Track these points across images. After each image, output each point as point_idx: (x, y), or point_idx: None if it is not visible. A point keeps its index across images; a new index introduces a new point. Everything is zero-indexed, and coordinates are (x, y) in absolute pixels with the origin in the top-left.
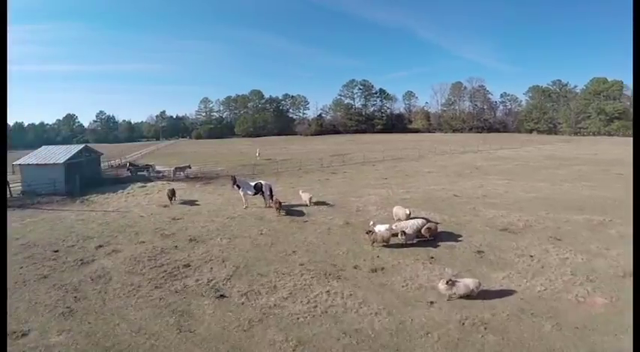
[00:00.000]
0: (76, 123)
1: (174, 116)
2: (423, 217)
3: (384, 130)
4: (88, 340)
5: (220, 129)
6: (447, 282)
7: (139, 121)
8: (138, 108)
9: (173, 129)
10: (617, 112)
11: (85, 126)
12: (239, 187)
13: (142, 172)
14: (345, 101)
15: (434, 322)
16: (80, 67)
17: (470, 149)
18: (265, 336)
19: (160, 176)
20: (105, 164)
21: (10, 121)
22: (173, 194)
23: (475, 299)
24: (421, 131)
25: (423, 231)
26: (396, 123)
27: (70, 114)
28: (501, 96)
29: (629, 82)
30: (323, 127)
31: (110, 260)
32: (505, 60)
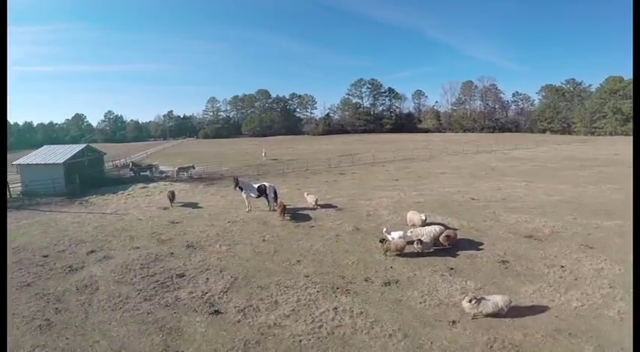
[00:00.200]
0: (85, 123)
1: (181, 116)
2: (439, 223)
3: (392, 130)
4: None
5: (227, 128)
6: (472, 300)
7: (146, 121)
8: (146, 108)
9: (180, 128)
10: None
11: (94, 126)
12: (241, 189)
13: (145, 172)
14: (353, 100)
15: (457, 345)
16: (90, 68)
17: (483, 149)
18: None
19: (163, 176)
20: (109, 164)
21: (20, 121)
22: (173, 196)
23: (503, 317)
24: (431, 131)
25: (441, 239)
26: (406, 123)
27: (79, 114)
28: (513, 96)
29: None
30: (331, 127)
31: (100, 267)
32: (515, 59)
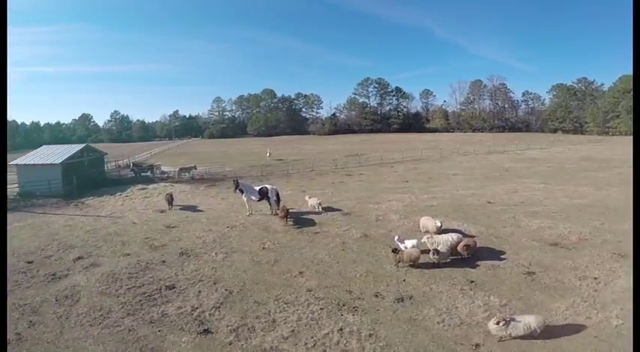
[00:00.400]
0: (92, 123)
1: (187, 116)
2: (454, 229)
3: (400, 130)
4: None
5: (233, 128)
6: (501, 322)
7: (153, 121)
8: (152, 108)
9: (186, 128)
10: None
11: (100, 126)
12: (242, 192)
13: (146, 173)
14: (360, 100)
15: None
16: (96, 68)
17: (495, 149)
18: None
19: (165, 177)
20: (112, 164)
21: (27, 121)
22: (172, 199)
23: (534, 339)
24: (439, 130)
25: (459, 248)
26: (413, 123)
27: (86, 114)
28: (523, 95)
29: None
30: (337, 127)
31: (85, 276)
32: (524, 58)
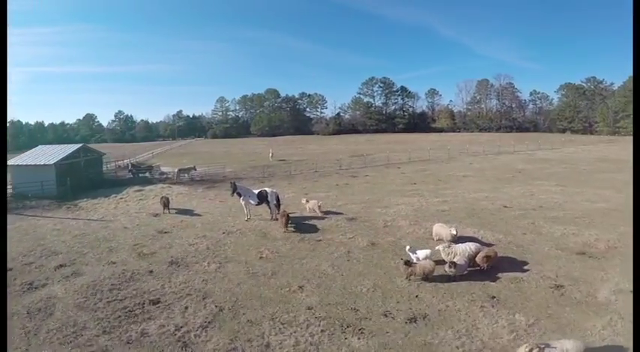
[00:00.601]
0: (96, 123)
1: (190, 115)
2: (469, 237)
3: (405, 130)
4: None
5: (236, 128)
6: (534, 350)
7: (156, 121)
8: (156, 108)
9: (189, 128)
10: None
11: (104, 126)
12: (240, 195)
13: (144, 174)
14: (365, 99)
15: None
16: (102, 69)
17: (505, 149)
18: None
19: (163, 178)
20: (112, 164)
21: (32, 121)
22: (168, 202)
23: None
24: (445, 130)
25: (478, 260)
26: (419, 122)
27: (90, 113)
28: (531, 95)
29: None
30: (341, 126)
31: (64, 286)
32: (530, 58)
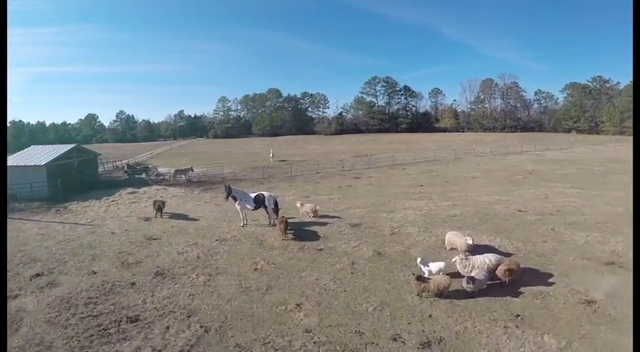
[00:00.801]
0: (97, 123)
1: (192, 115)
2: (485, 245)
3: (409, 129)
4: None
5: (238, 128)
6: None
7: (158, 121)
8: (157, 108)
9: (191, 128)
10: None
11: (106, 126)
12: (235, 199)
13: (140, 175)
14: (367, 99)
15: None
16: (101, 69)
17: (512, 150)
18: None
19: (160, 179)
20: (110, 165)
21: (33, 121)
22: (163, 205)
23: None
24: (449, 130)
25: (499, 273)
26: (422, 122)
27: (92, 113)
28: (535, 94)
29: None
30: (344, 126)
31: (37, 298)
32: (535, 58)
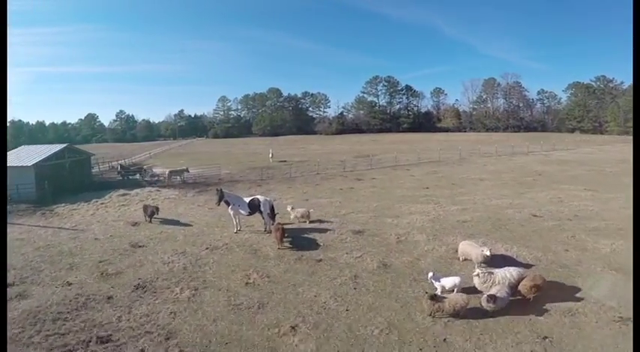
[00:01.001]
0: (97, 123)
1: (192, 115)
2: (502, 255)
3: (410, 129)
4: None
5: (238, 128)
6: None
7: (158, 121)
8: (157, 108)
9: (191, 128)
10: None
11: (106, 126)
12: (228, 204)
13: (134, 176)
14: (369, 99)
15: None
16: (101, 69)
17: (518, 150)
18: None
19: (154, 180)
20: (106, 166)
21: (32, 120)
22: (156, 211)
23: None
24: (451, 130)
25: (523, 289)
26: (424, 122)
27: (91, 113)
28: (538, 94)
29: None
30: (345, 126)
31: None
32: (537, 57)
